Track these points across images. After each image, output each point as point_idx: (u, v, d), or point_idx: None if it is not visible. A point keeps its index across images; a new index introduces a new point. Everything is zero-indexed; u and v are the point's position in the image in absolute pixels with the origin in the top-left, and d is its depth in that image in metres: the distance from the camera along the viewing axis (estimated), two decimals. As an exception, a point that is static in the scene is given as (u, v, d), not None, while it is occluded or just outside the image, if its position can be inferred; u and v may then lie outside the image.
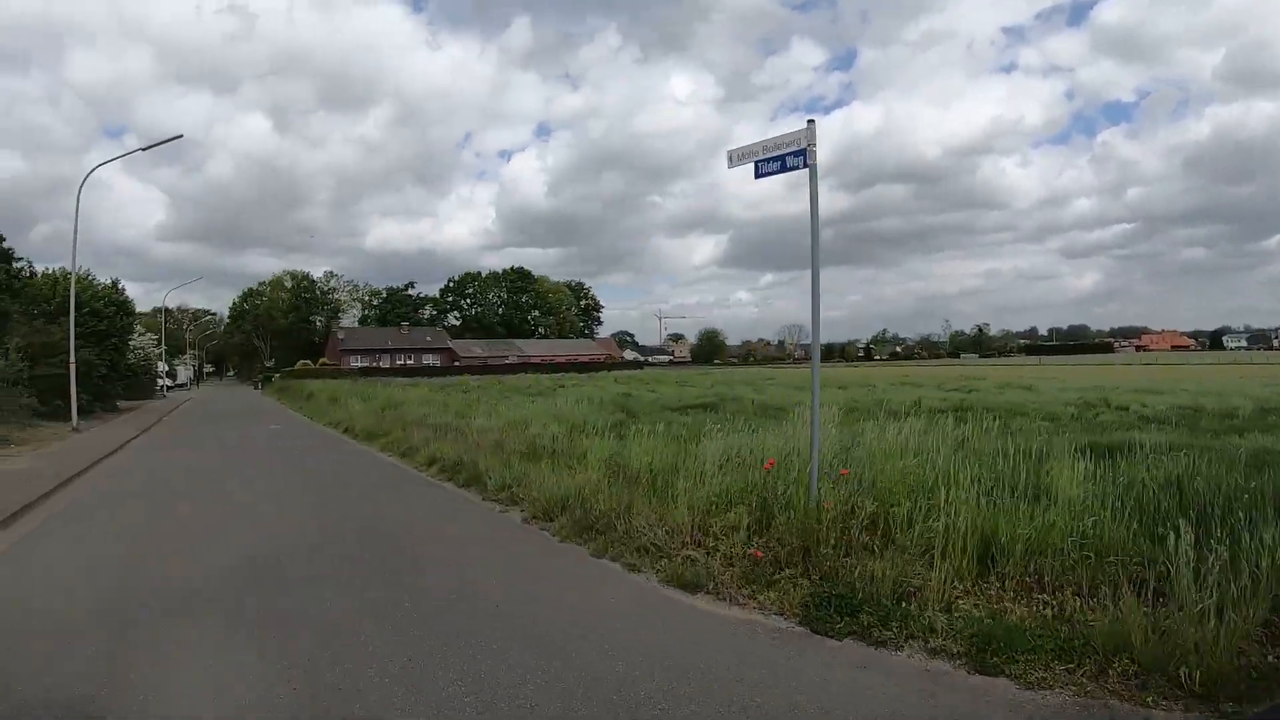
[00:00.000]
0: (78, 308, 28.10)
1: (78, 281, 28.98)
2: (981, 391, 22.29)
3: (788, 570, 5.13)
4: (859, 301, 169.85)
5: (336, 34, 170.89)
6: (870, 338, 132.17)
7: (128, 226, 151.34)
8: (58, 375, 24.41)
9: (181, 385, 67.00)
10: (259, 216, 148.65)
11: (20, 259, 27.37)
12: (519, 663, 4.06)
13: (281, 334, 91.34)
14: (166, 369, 60.60)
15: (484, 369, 65.40)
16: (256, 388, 63.74)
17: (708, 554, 5.62)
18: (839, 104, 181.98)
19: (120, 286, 31.58)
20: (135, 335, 37.94)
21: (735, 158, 6.32)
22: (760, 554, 5.33)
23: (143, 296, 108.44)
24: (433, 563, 6.41)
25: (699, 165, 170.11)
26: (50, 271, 29.57)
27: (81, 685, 3.84)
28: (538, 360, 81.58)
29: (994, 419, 9.23)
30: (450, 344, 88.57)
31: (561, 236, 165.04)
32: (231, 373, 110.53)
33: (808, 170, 5.82)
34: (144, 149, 21.52)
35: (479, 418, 15.16)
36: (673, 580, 5.40)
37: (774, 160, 5.99)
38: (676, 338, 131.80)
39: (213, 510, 9.14)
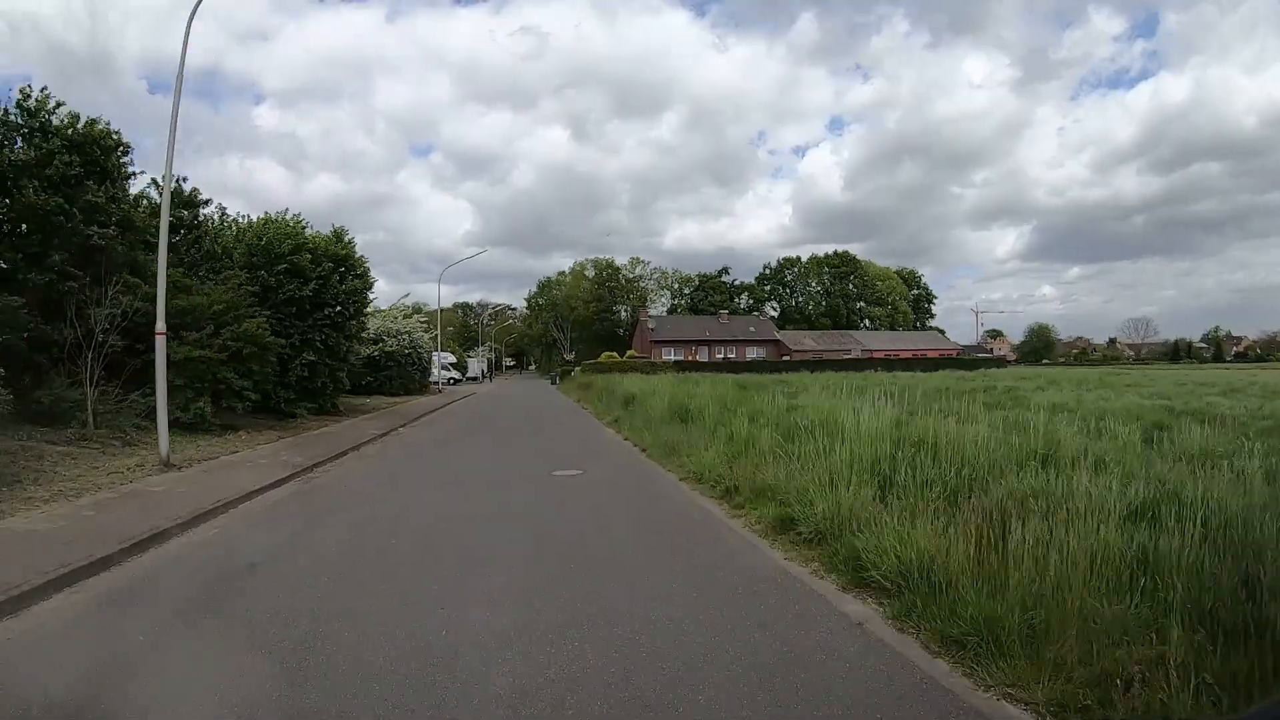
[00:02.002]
0: (271, 261, 18.01)
1: (268, 225, 19.04)
2: None
3: None
4: (1174, 296, 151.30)
5: (624, 44, 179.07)
6: (1201, 335, 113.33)
7: (439, 235, 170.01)
8: (210, 360, 13.88)
9: (473, 378, 64.91)
10: (561, 220, 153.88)
11: (209, 200, 18.08)
12: None
13: (582, 324, 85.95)
14: (453, 359, 55.23)
15: (818, 363, 51.09)
16: (553, 383, 57.52)
17: None
18: (1144, 75, 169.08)
19: (348, 238, 20.76)
20: (373, 309, 28.32)
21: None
22: None
23: (449, 298, 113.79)
24: None
25: (999, 150, 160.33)
26: (246, 219, 20.22)
27: None
28: (881, 355, 67.26)
29: None
30: (777, 335, 76.42)
31: (859, 230, 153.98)
32: (532, 366, 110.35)
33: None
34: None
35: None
36: None
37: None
38: (994, 334, 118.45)
39: None
